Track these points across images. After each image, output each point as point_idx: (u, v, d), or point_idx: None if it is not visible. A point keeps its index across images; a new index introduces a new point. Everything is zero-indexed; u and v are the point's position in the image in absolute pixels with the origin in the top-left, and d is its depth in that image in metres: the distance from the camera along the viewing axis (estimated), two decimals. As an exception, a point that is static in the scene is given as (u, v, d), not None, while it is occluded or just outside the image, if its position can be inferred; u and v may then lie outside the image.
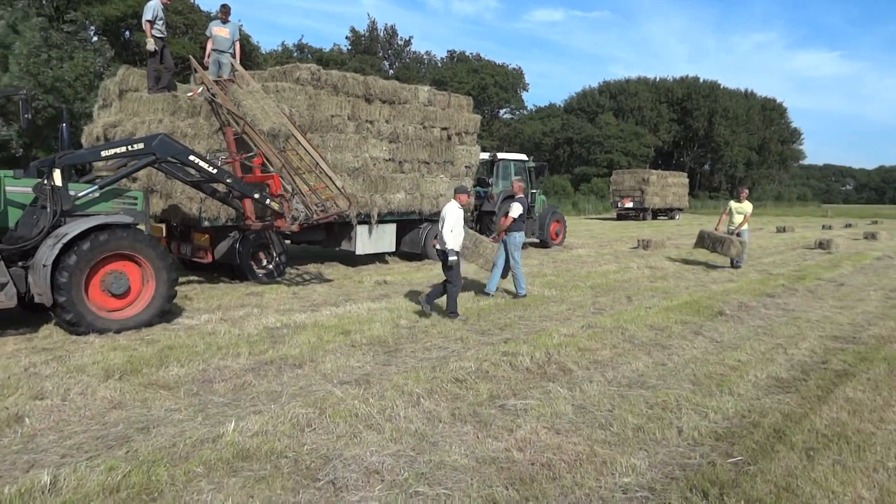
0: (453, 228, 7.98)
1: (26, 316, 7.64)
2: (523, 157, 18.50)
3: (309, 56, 42.39)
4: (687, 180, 42.94)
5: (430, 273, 12.32)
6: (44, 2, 29.97)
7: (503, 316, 8.40)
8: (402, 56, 55.50)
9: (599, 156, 59.05)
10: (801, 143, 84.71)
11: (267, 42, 57.46)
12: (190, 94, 10.15)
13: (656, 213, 39.47)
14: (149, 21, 10.71)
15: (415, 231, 14.12)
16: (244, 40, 36.95)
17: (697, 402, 5.00)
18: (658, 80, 69.51)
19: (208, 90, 9.94)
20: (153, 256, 7.34)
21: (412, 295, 9.78)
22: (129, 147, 7.71)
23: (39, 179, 7.08)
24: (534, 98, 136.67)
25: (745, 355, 6.52)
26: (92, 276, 6.95)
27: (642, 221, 36.51)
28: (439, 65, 56.86)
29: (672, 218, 40.13)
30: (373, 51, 52.35)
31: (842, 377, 5.82)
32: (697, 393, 5.26)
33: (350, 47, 52.01)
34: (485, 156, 16.67)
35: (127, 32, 31.13)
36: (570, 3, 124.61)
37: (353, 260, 13.90)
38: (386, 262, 14.06)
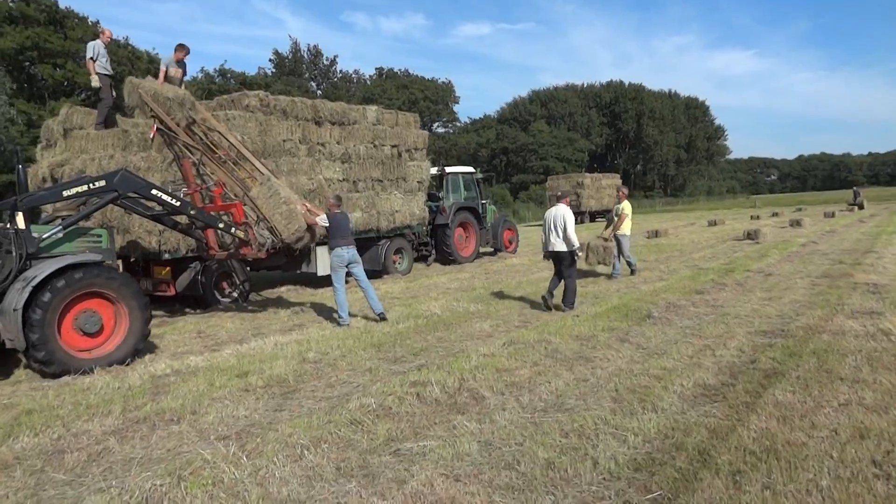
0: (571, 228, 8.81)
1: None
2: (471, 169, 18.77)
3: (231, 81, 41.16)
4: (620, 181, 43.58)
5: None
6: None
7: (422, 339, 7.78)
8: (329, 76, 54.66)
9: (535, 163, 59.59)
10: (726, 138, 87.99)
11: (189, 69, 55.72)
12: (151, 133, 9.66)
13: (594, 215, 39.82)
14: (91, 59, 10.69)
15: (374, 248, 14.22)
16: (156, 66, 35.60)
17: (617, 425, 4.48)
18: (586, 86, 71.00)
19: (161, 124, 9.57)
20: (127, 294, 7.20)
21: (329, 321, 9.06)
22: (91, 185, 7.59)
23: (1, 224, 6.98)
24: (468, 110, 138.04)
25: (671, 362, 6.08)
26: (64, 316, 6.80)
27: (580, 224, 36.68)
28: (368, 83, 56.32)
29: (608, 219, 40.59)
30: (298, 72, 51.36)
31: (771, 378, 5.42)
32: (618, 412, 4.75)
33: (274, 70, 50.88)
34: (434, 170, 16.74)
35: (28, 64, 29.33)
36: (497, 16, 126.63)
37: (315, 282, 13.50)
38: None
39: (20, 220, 6.97)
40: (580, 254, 8.88)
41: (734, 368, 5.82)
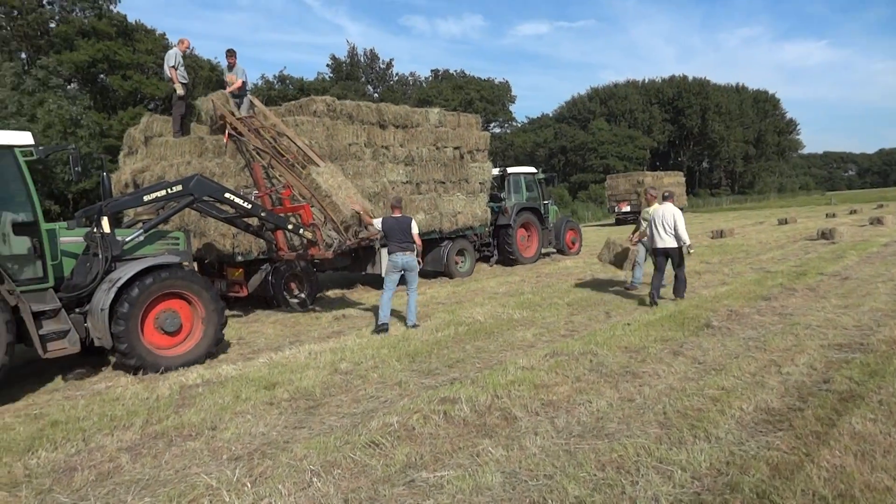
0: (682, 225, 9.20)
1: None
2: (532, 169, 18.59)
3: (290, 87, 41.91)
4: (683, 179, 41.86)
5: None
6: (14, 49, 29.54)
7: (459, 348, 7.36)
8: (386, 79, 54.96)
9: (594, 162, 58.15)
10: (798, 132, 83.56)
11: (249, 76, 57.55)
12: (225, 139, 10.27)
13: (656, 215, 38.33)
14: (172, 67, 10.87)
15: (436, 250, 14.23)
16: (220, 75, 36.52)
17: (662, 456, 3.93)
18: (647, 81, 68.75)
19: (233, 129, 10.10)
20: (205, 296, 7.45)
21: (368, 329, 8.77)
22: (169, 190, 7.90)
23: (89, 228, 7.31)
24: (525, 110, 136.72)
25: (730, 380, 5.44)
26: (147, 315, 7.09)
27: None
28: (424, 85, 56.31)
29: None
30: (355, 76, 51.87)
31: (847, 402, 4.73)
32: (665, 441, 4.19)
33: (332, 75, 51.57)
34: (496, 171, 16.58)
35: (102, 76, 30.60)
36: (555, 14, 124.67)
37: (380, 283, 12.98)
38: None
39: (106, 224, 7.28)
40: (691, 250, 9.58)
41: (803, 389, 5.14)
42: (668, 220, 9.23)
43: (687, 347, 6.65)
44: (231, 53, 11.42)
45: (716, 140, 66.80)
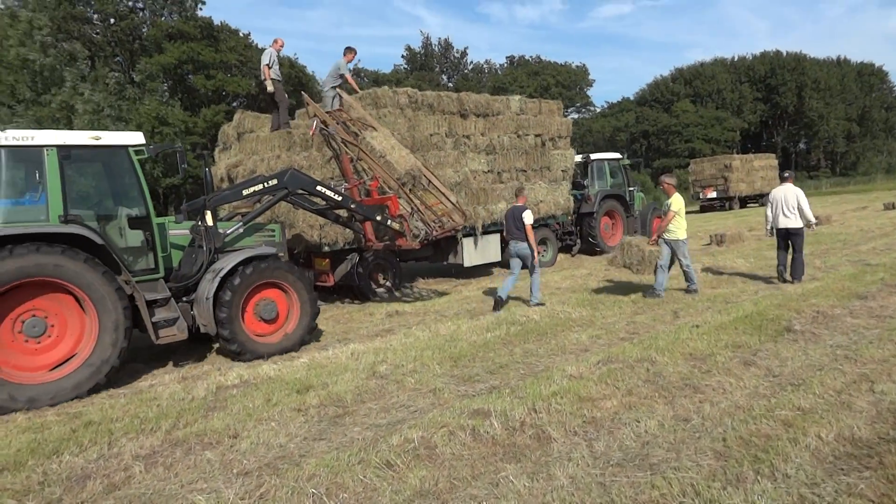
0: (806, 204, 9.29)
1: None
2: (617, 155, 17.89)
3: (365, 79, 42.19)
4: (776, 162, 38.92)
5: (461, 295, 10.92)
6: (109, 54, 31.17)
7: (507, 351, 6.83)
8: (460, 68, 54.41)
9: (679, 146, 55.34)
10: (911, 107, 75.96)
11: (322, 70, 58.57)
12: (311, 132, 10.47)
13: (745, 201, 35.91)
14: (267, 65, 11.12)
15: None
16: (300, 71, 37.18)
17: (713, 498, 3.28)
18: (737, 59, 64.56)
19: (321, 123, 10.29)
20: (300, 286, 7.73)
21: (418, 326, 8.40)
22: (265, 184, 8.19)
23: (194, 222, 7.67)
24: (606, 94, 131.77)
25: (809, 398, 4.64)
26: (248, 302, 7.42)
27: (728, 211, 33.24)
28: (499, 72, 55.35)
29: (764, 204, 36.32)
30: (429, 66, 51.65)
31: (956, 433, 3.87)
32: (719, 477, 3.53)
33: (406, 66, 51.60)
34: (578, 158, 16.32)
35: (185, 76, 31.85)
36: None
37: (462, 273, 13.74)
38: (491, 274, 13.86)
39: (209, 218, 7.61)
40: (814, 228, 9.74)
41: (901, 413, 4.28)
42: (791, 201, 9.37)
43: (761, 356, 5.83)
44: (350, 50, 11.69)
45: (814, 118, 61.83)
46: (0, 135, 6.33)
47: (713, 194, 34.84)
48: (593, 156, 17.06)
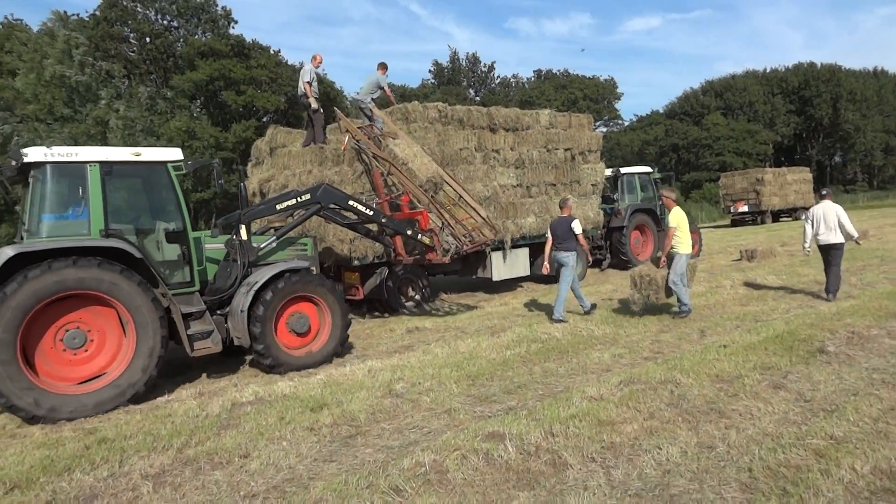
0: (847, 220, 9.26)
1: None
2: (647, 169, 17.68)
3: (391, 94, 42.48)
4: (810, 175, 37.94)
5: (483, 311, 10.77)
6: (144, 72, 31.92)
7: (526, 370, 6.65)
8: (487, 82, 54.46)
9: (709, 159, 54.28)
10: (952, 118, 73.58)
11: (351, 85, 59.05)
12: (342, 147, 10.56)
13: (778, 215, 35.05)
14: (307, 83, 11.23)
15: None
16: (328, 87, 37.59)
17: (737, 536, 3.08)
18: (769, 71, 63.43)
19: (353, 138, 10.39)
20: (331, 299, 7.81)
21: (439, 344, 8.29)
22: (299, 198, 8.29)
23: (229, 236, 7.79)
24: (634, 107, 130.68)
25: (843, 426, 4.38)
26: (280, 316, 7.50)
27: (759, 226, 32.46)
28: (526, 86, 55.25)
29: (797, 219, 35.37)
30: (456, 80, 51.82)
31: None
32: (744, 511, 3.32)
33: (433, 80, 51.84)
34: (608, 172, 16.08)
35: (221, 93, 32.41)
36: (668, 7, 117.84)
37: (490, 287, 13.70)
38: (520, 288, 13.84)
39: (243, 232, 7.70)
40: (860, 242, 9.93)
41: (943, 444, 4.01)
42: (831, 217, 9.35)
43: (792, 379, 5.55)
44: (383, 66, 11.82)
45: (850, 131, 60.25)
46: (46, 151, 6.51)
47: (744, 208, 34.07)
48: (623, 169, 16.85)
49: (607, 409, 5.07)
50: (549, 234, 9.82)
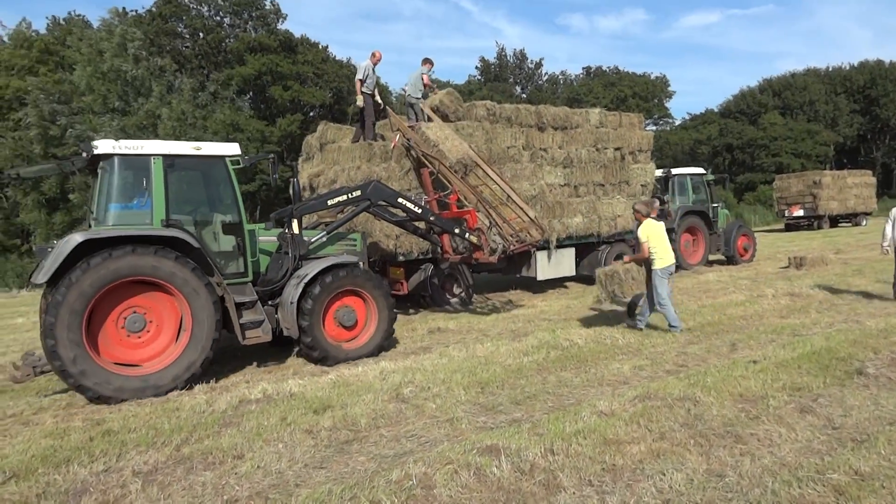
0: None
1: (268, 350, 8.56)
2: (700, 170, 17.41)
3: (437, 91, 42.46)
4: (873, 179, 36.03)
5: (513, 314, 10.54)
6: (195, 66, 32.69)
7: (540, 379, 6.40)
8: (535, 79, 53.75)
9: (765, 160, 52.22)
10: None
11: (395, 81, 59.30)
12: (392, 144, 10.74)
13: (836, 220, 33.40)
14: (360, 80, 11.36)
15: (593, 254, 13.81)
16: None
17: (729, 582, 2.79)
18: (832, 69, 60.58)
19: (404, 136, 10.48)
20: (378, 294, 7.98)
21: (458, 347, 8.11)
22: (350, 195, 8.52)
23: (281, 229, 8.05)
24: (688, 105, 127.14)
25: (872, 459, 3.98)
26: (328, 309, 7.69)
27: (815, 231, 31.02)
28: (574, 83, 54.28)
29: (857, 224, 33.64)
30: (503, 77, 51.31)
31: None
32: (743, 554, 3.01)
33: (479, 77, 51.49)
34: (659, 172, 16.03)
35: (264, 87, 32.93)
36: (728, 2, 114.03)
37: (532, 286, 13.73)
38: (564, 288, 13.83)
39: (295, 226, 7.93)
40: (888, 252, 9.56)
41: (984, 487, 3.58)
42: None
43: (823, 402, 5.13)
44: (428, 61, 11.94)
45: (920, 133, 57.11)
46: (114, 144, 6.84)
47: (799, 212, 32.62)
48: (675, 170, 16.55)
49: (616, 426, 4.79)
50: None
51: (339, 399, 6.02)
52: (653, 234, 8.23)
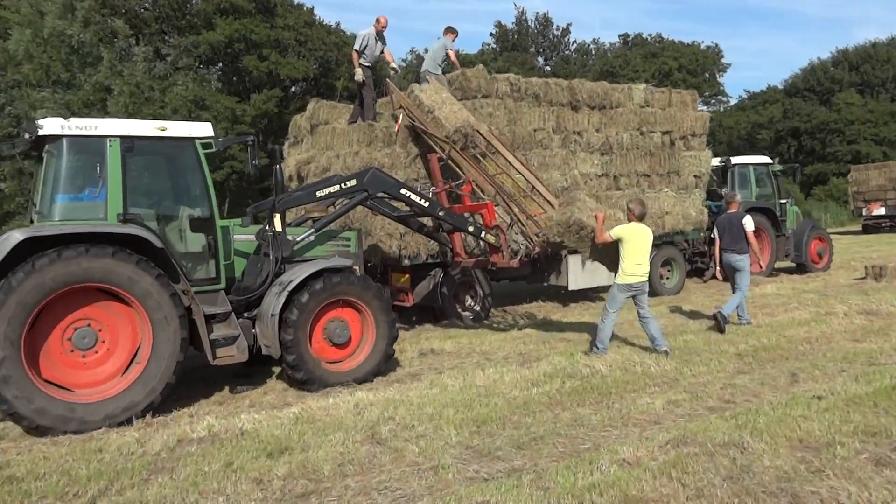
0: None
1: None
2: (766, 159, 17.50)
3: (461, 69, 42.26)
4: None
5: (524, 333, 10.33)
6: (154, 31, 32.66)
7: (551, 416, 6.19)
8: (560, 48, 53.50)
9: (839, 147, 51.79)
10: None
11: (399, 50, 59.04)
12: (396, 126, 10.78)
13: (928, 221, 32.94)
14: (356, 51, 11.57)
15: None
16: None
17: None
18: (923, 37, 59.96)
19: (408, 116, 10.54)
20: (377, 306, 7.82)
21: (453, 374, 7.90)
22: (343, 185, 8.40)
23: (261, 226, 7.96)
24: (746, 81, 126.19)
25: (965, 530, 3.71)
26: (316, 323, 7.54)
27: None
28: (609, 54, 54.02)
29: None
30: (523, 46, 51.08)
31: None
32: None
33: (495, 45, 51.29)
34: (716, 161, 16.11)
35: (236, 57, 32.88)
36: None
37: (562, 297, 13.61)
38: (601, 298, 13.19)
39: (278, 222, 7.79)
40: None
41: None
42: None
43: (904, 452, 4.86)
44: (451, 30, 12.15)
45: None
46: (63, 123, 6.74)
47: (880, 210, 32.18)
48: (735, 159, 16.57)
49: (641, 479, 4.54)
50: (715, 234, 10.28)
51: (300, 439, 5.82)
52: (629, 238, 8.16)
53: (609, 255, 8.59)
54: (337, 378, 7.53)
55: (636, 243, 8.17)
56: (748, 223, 9.83)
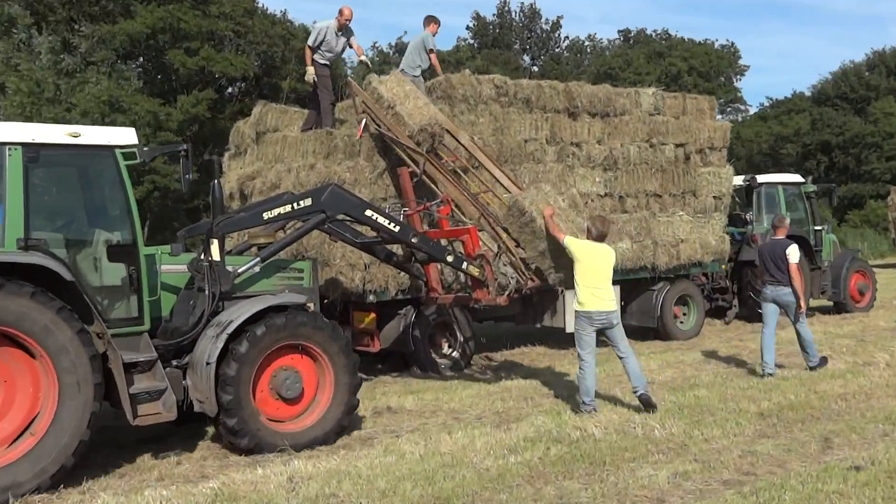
0: None
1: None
2: (797, 177, 18.06)
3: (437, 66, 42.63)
4: None
5: (502, 386, 10.24)
6: (61, 19, 32.54)
7: (532, 492, 6.09)
8: (549, 45, 54.49)
9: (877, 165, 53.13)
10: None
11: (362, 44, 59.63)
12: (358, 133, 10.86)
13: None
14: (309, 46, 11.88)
15: (645, 295, 14.07)
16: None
17: None
18: (971, 38, 61.87)
19: (373, 121, 10.67)
20: (334, 349, 7.79)
21: (413, 437, 7.86)
22: (295, 205, 8.30)
23: (194, 255, 8.00)
24: (768, 87, 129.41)
25: None
26: (260, 374, 7.47)
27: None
28: (606, 53, 55.16)
29: None
30: (506, 42, 51.98)
31: None
32: None
33: (472, 41, 52.15)
34: (739, 180, 16.40)
35: (167, 52, 32.88)
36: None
37: (555, 341, 13.69)
38: (602, 339, 13.35)
39: (215, 250, 7.64)
40: None
41: None
42: None
43: (960, 537, 4.80)
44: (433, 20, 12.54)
45: None
46: None
47: (926, 239, 33.02)
48: (762, 178, 16.98)
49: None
50: (758, 263, 10.75)
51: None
52: (580, 258, 8.23)
53: (563, 265, 8.67)
54: (291, 439, 7.46)
55: (589, 264, 8.23)
56: (793, 254, 10.04)
